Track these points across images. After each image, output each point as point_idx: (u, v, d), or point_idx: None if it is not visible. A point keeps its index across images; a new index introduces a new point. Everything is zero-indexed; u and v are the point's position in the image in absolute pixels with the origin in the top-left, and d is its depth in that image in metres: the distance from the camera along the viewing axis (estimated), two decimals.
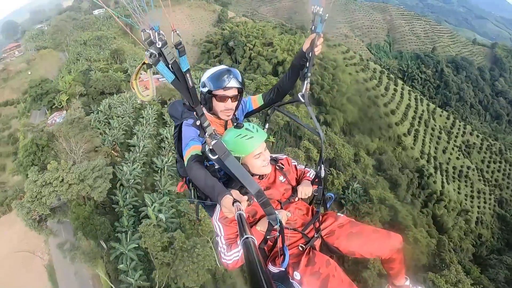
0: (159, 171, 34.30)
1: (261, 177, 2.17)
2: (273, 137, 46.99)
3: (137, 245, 24.41)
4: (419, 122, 77.95)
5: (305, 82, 2.29)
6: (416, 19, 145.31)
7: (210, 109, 2.26)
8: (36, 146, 30.31)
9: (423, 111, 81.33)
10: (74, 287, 23.89)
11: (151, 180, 33.47)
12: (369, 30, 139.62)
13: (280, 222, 1.73)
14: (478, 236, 52.75)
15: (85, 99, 48.53)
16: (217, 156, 1.74)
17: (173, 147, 33.98)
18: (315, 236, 2.17)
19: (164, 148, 37.99)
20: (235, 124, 2.09)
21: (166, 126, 41.01)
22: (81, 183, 24.96)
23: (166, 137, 38.68)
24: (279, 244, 1.80)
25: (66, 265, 25.40)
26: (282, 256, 1.82)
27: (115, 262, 24.30)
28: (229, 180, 2.10)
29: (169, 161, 34.47)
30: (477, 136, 79.83)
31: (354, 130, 69.19)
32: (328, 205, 2.43)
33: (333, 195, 2.43)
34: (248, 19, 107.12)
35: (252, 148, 1.99)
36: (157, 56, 1.39)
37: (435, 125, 79.15)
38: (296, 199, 2.26)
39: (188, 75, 1.49)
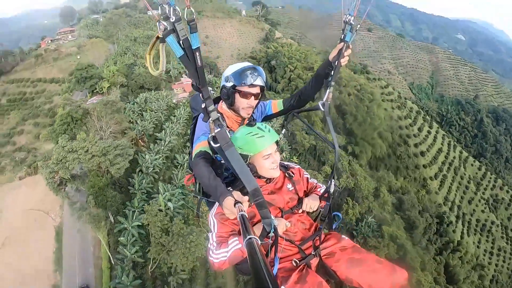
0: (179, 167, 35.87)
1: (268, 180, 2.14)
2: (297, 158, 48.05)
3: (140, 224, 26.17)
4: (448, 168, 76.07)
5: (328, 91, 2.28)
6: (462, 64, 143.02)
7: (231, 105, 2.28)
8: (71, 118, 33.78)
9: (454, 157, 79.43)
10: (75, 249, 25.91)
11: (169, 174, 35.12)
12: (413, 69, 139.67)
13: (275, 228, 1.65)
14: None
15: (125, 89, 51.97)
16: (218, 144, 1.72)
17: None
18: (313, 253, 2.07)
19: (189, 147, 39.75)
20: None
21: None
22: (103, 156, 27.44)
23: None
24: (271, 254, 1.71)
25: (73, 230, 27.77)
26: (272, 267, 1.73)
27: (117, 235, 26.16)
28: (235, 179, 2.08)
29: None
30: (507, 191, 76.28)
31: (380, 166, 68.70)
32: (334, 226, 2.34)
33: (340, 215, 2.35)
34: (294, 42, 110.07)
35: (261, 147, 1.99)
36: (169, 30, 1.43)
37: (465, 174, 76.66)
38: (300, 211, 2.19)
39: (197, 53, 1.49)
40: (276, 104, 2.56)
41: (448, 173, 74.27)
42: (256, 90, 2.22)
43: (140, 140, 38.79)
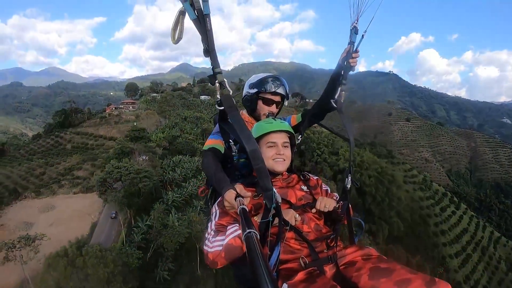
0: (193, 207, 43.32)
1: (274, 175, 2.05)
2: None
3: (150, 224, 37.18)
4: (474, 248, 75.56)
5: (339, 88, 2.29)
6: (501, 147, 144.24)
7: (253, 111, 2.50)
8: (122, 151, 49.12)
9: (482, 237, 78.97)
10: (101, 236, 37.71)
11: (184, 208, 43.48)
12: (451, 156, 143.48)
13: (277, 204, 1.53)
14: None
15: (166, 152, 66.04)
16: (223, 108, 1.77)
17: None
18: (328, 257, 1.73)
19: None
20: None
21: None
22: (136, 174, 40.73)
23: None
24: (268, 237, 1.63)
25: (104, 226, 39.83)
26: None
27: (132, 226, 37.69)
28: (245, 178, 2.13)
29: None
30: None
31: (398, 245, 71.00)
32: (356, 239, 2.02)
33: (363, 222, 2.19)
34: (325, 130, 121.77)
35: (265, 130, 2.05)
36: (187, 1, 1.64)
37: (494, 254, 75.18)
38: (313, 210, 1.94)
39: (207, 19, 1.63)
40: (295, 117, 2.68)
41: (474, 253, 73.63)
42: (278, 98, 2.48)
43: (168, 185, 51.00)
